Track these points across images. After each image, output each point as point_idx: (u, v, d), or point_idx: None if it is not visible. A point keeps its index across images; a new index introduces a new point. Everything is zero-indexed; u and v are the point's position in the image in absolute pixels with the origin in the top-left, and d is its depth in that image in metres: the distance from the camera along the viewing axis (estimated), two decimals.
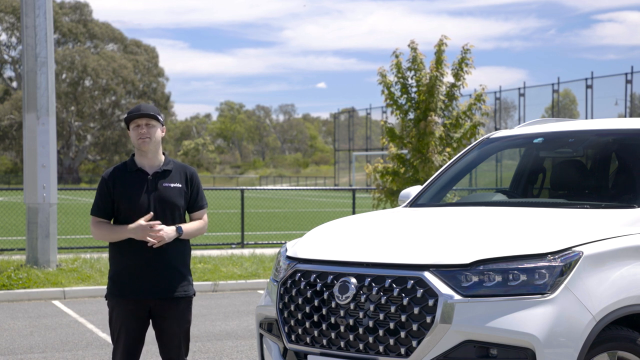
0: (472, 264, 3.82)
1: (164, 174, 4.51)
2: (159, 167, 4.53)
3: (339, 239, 4.48)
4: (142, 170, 4.49)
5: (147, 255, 4.41)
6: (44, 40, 11.69)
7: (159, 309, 4.49)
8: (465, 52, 12.92)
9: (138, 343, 4.53)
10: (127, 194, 4.44)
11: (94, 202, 4.52)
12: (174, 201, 4.49)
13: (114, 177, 4.48)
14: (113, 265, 4.52)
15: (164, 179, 4.50)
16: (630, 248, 4.05)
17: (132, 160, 4.54)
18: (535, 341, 3.67)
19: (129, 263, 4.44)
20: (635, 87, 34.27)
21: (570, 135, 5.44)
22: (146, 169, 4.50)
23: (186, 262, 4.56)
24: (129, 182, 4.46)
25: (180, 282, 4.51)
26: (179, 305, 4.53)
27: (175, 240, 4.48)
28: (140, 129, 4.43)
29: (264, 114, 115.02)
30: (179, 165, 4.61)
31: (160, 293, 4.46)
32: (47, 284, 10.62)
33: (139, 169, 4.49)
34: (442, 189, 5.66)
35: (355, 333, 3.97)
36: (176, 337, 4.53)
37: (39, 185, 11.60)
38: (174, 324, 4.52)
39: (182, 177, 4.57)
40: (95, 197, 4.51)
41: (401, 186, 12.73)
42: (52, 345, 7.51)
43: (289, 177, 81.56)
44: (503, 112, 43.79)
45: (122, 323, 4.46)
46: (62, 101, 71.63)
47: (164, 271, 4.45)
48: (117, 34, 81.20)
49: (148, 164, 4.51)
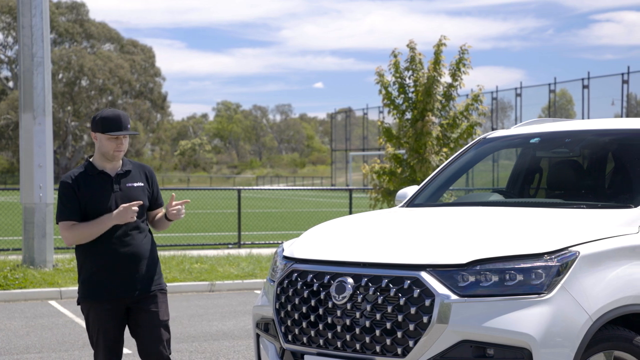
0: (468, 264, 3.82)
1: (125, 174, 4.54)
2: (120, 168, 4.55)
3: (335, 239, 4.48)
4: (104, 173, 4.50)
5: (119, 253, 4.42)
6: (40, 40, 11.67)
7: (138, 305, 4.48)
8: (462, 53, 12.94)
9: (118, 342, 4.52)
10: (93, 197, 4.43)
11: (58, 209, 4.45)
12: (137, 200, 4.51)
13: (78, 180, 4.45)
14: (85, 268, 4.48)
15: (126, 179, 4.53)
16: (626, 248, 4.06)
17: (90, 164, 4.51)
18: (532, 341, 3.67)
19: (101, 263, 4.43)
20: (631, 87, 34.31)
21: (567, 135, 5.44)
22: (107, 171, 4.51)
23: (156, 256, 4.60)
24: (93, 185, 4.45)
25: (155, 276, 4.54)
26: (158, 298, 4.54)
27: (143, 236, 4.52)
28: (118, 141, 4.46)
29: (261, 114, 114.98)
30: (136, 164, 4.64)
31: (139, 290, 4.46)
32: (43, 284, 10.61)
33: (100, 171, 4.50)
34: (438, 189, 5.66)
35: (352, 333, 3.97)
36: (157, 330, 4.50)
37: (36, 185, 11.58)
38: (154, 316, 4.50)
39: (143, 176, 4.62)
40: (61, 203, 4.44)
41: (398, 186, 12.73)
42: (48, 346, 7.50)
43: (285, 177, 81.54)
44: (500, 112, 43.82)
45: (100, 325, 4.45)
46: (59, 101, 71.55)
47: (138, 267, 4.46)
48: (113, 33, 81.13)
49: (110, 167, 4.53)
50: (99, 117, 4.46)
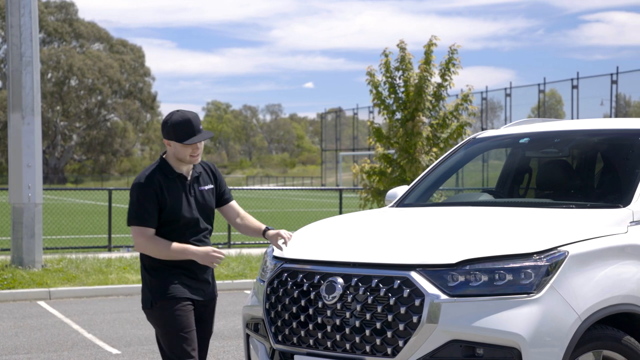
0: (458, 264, 3.82)
1: (198, 178, 4.41)
2: (192, 170, 4.40)
3: (325, 239, 4.48)
4: (181, 176, 4.34)
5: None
6: (29, 39, 11.62)
7: (199, 312, 4.41)
8: (452, 53, 12.96)
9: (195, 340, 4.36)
10: (174, 201, 4.26)
11: (134, 211, 4.20)
12: (210, 205, 4.41)
13: (159, 183, 4.26)
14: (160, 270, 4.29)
15: (198, 183, 4.40)
16: (615, 248, 4.07)
17: (167, 165, 4.31)
18: (521, 340, 3.68)
19: (179, 265, 4.30)
20: (620, 87, 34.47)
21: (556, 135, 5.46)
22: (184, 174, 4.36)
23: None
24: (172, 189, 4.28)
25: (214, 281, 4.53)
26: (213, 307, 4.53)
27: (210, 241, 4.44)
28: (194, 146, 4.28)
29: (251, 113, 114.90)
30: (203, 163, 4.50)
31: (208, 294, 4.44)
32: (32, 284, 10.56)
33: (179, 174, 4.33)
34: (428, 189, 5.67)
35: (342, 333, 3.97)
36: (206, 342, 4.50)
37: (24, 185, 11.53)
38: (208, 328, 4.49)
39: (211, 176, 4.49)
40: (139, 205, 4.18)
41: (388, 186, 12.74)
42: (37, 346, 7.46)
43: (275, 177, 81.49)
44: (489, 112, 43.94)
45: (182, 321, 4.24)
46: (48, 101, 71.29)
47: (207, 270, 4.42)
48: (103, 33, 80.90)
49: (185, 169, 4.37)
50: (170, 125, 4.23)
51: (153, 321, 4.34)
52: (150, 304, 4.29)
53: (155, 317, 4.30)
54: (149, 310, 4.32)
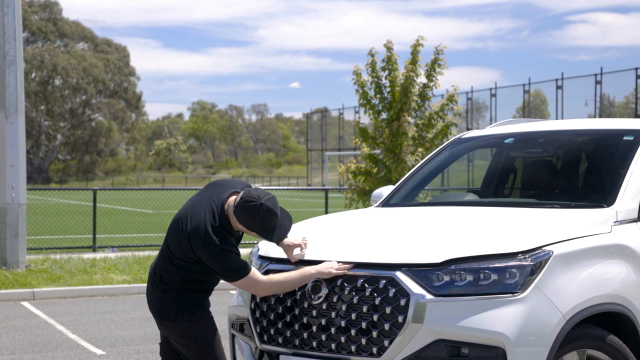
0: (443, 264, 3.83)
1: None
2: None
3: (311, 239, 4.47)
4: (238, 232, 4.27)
5: None
6: (12, 38, 11.55)
7: None
8: (437, 53, 13.00)
9: None
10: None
11: (235, 262, 4.07)
12: None
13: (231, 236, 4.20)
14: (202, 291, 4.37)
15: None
16: (599, 247, 4.09)
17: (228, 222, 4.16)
18: (506, 340, 3.69)
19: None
20: (604, 87, 34.68)
21: (541, 135, 5.48)
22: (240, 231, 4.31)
23: None
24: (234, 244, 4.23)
25: None
26: None
27: None
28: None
29: (237, 113, 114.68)
30: None
31: None
32: (16, 284, 10.49)
33: (237, 231, 4.24)
34: (414, 189, 5.68)
35: (328, 333, 3.97)
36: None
37: (8, 185, 11.46)
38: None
39: None
40: (234, 256, 4.08)
41: (374, 186, 12.77)
42: (21, 347, 7.41)
43: (261, 177, 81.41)
44: (475, 112, 44.08)
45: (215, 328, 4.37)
46: (32, 100, 70.87)
47: None
48: (87, 32, 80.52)
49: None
50: (259, 222, 4.08)
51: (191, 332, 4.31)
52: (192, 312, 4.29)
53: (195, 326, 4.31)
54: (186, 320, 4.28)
